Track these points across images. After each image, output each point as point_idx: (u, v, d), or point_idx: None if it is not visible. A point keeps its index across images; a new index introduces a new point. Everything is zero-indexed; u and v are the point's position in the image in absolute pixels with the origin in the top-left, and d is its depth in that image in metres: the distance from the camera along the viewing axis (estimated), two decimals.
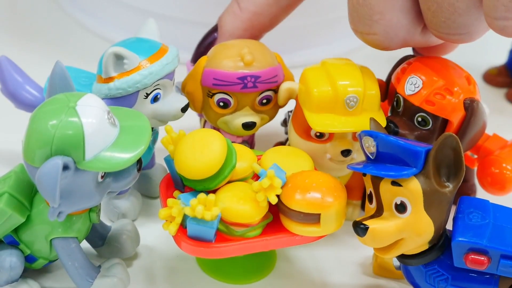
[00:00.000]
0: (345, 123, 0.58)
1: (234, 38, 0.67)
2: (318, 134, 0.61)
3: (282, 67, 0.64)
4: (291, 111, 0.66)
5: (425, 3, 0.57)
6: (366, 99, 0.60)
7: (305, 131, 0.62)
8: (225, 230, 0.57)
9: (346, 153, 0.61)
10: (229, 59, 0.62)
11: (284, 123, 0.68)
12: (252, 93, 0.63)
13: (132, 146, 0.53)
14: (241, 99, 0.63)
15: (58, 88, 0.55)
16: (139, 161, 0.55)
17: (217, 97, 0.63)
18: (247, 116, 0.64)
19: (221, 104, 0.63)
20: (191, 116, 0.68)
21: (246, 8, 0.66)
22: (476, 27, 0.57)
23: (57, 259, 0.59)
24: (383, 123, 0.60)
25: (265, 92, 0.63)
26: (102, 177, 0.54)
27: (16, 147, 0.63)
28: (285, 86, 0.63)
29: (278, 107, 0.65)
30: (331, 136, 0.61)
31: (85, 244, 0.61)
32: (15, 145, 0.63)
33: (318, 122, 0.59)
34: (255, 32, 0.68)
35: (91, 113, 0.52)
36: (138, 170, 0.55)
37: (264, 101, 0.64)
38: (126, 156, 0.52)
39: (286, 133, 0.68)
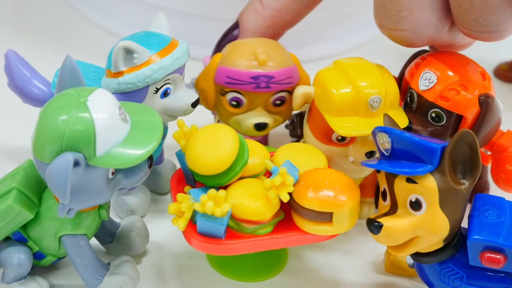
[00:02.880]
0: (369, 125, 0.57)
1: (256, 36, 0.66)
2: (339, 137, 0.60)
3: (297, 68, 0.63)
4: (297, 114, 0.65)
5: (456, 0, 0.56)
6: (388, 98, 0.59)
7: (325, 135, 0.60)
8: (235, 227, 0.56)
9: (369, 154, 0.60)
10: (243, 57, 0.61)
11: (291, 125, 0.67)
12: (265, 94, 0.62)
13: (143, 142, 0.52)
14: (254, 99, 0.62)
15: (68, 82, 0.54)
16: (150, 158, 0.54)
17: (229, 95, 0.62)
18: (259, 116, 0.63)
19: (234, 103, 0.63)
20: (203, 111, 0.67)
21: (268, 5, 0.65)
22: (507, 25, 0.56)
23: (65, 256, 0.58)
24: (405, 121, 0.59)
25: (279, 93, 0.62)
26: (112, 173, 0.53)
27: (24, 142, 0.63)
28: (300, 91, 0.61)
29: (292, 108, 0.64)
30: (353, 138, 0.60)
31: (93, 241, 0.60)
32: (23, 140, 0.62)
33: (341, 126, 0.58)
34: (278, 29, 0.67)
35: (102, 109, 0.51)
36: (149, 166, 0.54)
37: (278, 102, 0.63)
38: (138, 153, 0.51)
39: (293, 135, 0.67)
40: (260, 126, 0.63)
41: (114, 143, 0.51)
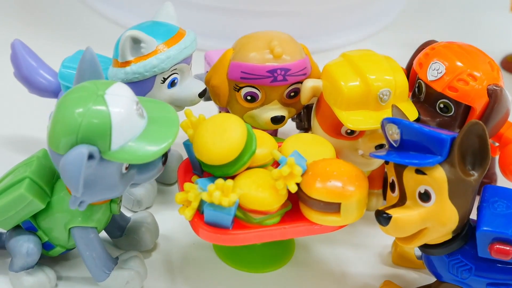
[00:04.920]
0: (379, 118, 0.56)
1: None
2: (349, 131, 0.60)
3: (309, 59, 0.63)
4: (304, 106, 0.65)
5: None
6: (397, 91, 0.58)
7: (334, 128, 0.60)
8: (243, 217, 0.56)
9: (379, 147, 0.60)
10: (257, 51, 0.61)
11: (298, 117, 0.67)
12: (281, 87, 0.62)
13: (159, 139, 0.51)
14: (270, 92, 0.62)
15: (87, 74, 0.53)
16: (164, 154, 0.54)
17: (244, 90, 0.62)
18: (275, 110, 0.63)
19: (249, 98, 0.62)
20: (210, 101, 0.67)
21: None
22: None
23: (74, 248, 0.58)
24: (415, 113, 0.59)
25: (293, 84, 0.62)
26: (126, 168, 0.52)
27: (36, 132, 0.62)
28: (308, 85, 0.61)
29: None
30: (362, 132, 0.60)
31: (103, 235, 0.60)
32: (35, 129, 0.62)
33: (350, 119, 0.57)
34: None
35: (120, 103, 0.50)
36: (163, 163, 0.54)
37: (292, 94, 0.63)
38: (153, 149, 0.51)
39: (299, 128, 0.67)
40: (277, 119, 0.63)
41: (129, 138, 0.51)
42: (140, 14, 0.82)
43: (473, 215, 0.54)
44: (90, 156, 0.50)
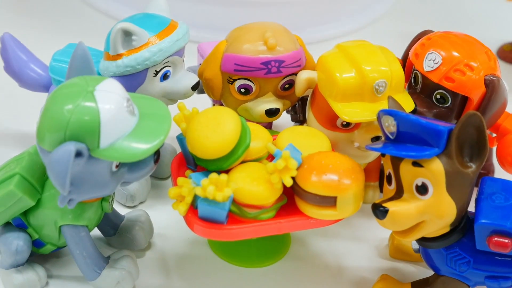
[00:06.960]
0: (375, 110, 0.56)
1: None
2: (344, 123, 0.59)
3: (304, 50, 0.63)
4: (299, 98, 0.64)
5: None
6: (393, 82, 0.58)
7: (329, 121, 0.60)
8: (237, 212, 0.55)
9: (375, 139, 0.59)
10: (251, 43, 0.60)
11: (293, 110, 0.66)
12: (275, 79, 0.61)
13: (150, 137, 0.50)
14: (264, 84, 0.61)
15: (78, 70, 0.52)
16: (156, 152, 0.53)
17: (238, 83, 0.61)
18: (270, 102, 0.62)
19: (243, 90, 0.62)
20: (203, 94, 0.66)
21: None
22: None
23: (65, 246, 0.57)
24: (411, 104, 0.58)
25: (288, 76, 0.61)
26: (117, 166, 0.52)
27: (29, 127, 0.62)
28: (303, 76, 0.60)
29: None
30: (358, 124, 0.59)
31: (96, 233, 0.59)
32: (28, 124, 0.62)
33: (346, 111, 0.57)
34: None
35: (110, 99, 0.49)
36: (156, 161, 0.53)
37: (287, 86, 0.62)
38: (143, 147, 0.50)
39: (294, 120, 0.66)
40: (272, 112, 0.62)
41: (119, 136, 0.50)
42: (132, 6, 0.81)
43: (471, 207, 0.53)
44: (78, 154, 0.49)
